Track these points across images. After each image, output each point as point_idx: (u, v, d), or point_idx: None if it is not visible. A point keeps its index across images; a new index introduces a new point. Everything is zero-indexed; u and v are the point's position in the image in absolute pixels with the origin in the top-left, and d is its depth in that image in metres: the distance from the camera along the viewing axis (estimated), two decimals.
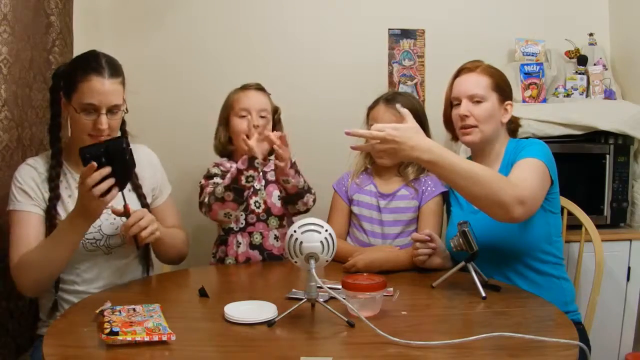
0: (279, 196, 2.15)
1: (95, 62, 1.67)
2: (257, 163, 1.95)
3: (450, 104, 1.96)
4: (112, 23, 2.66)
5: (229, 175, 1.98)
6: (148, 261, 1.91)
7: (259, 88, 2.21)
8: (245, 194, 1.97)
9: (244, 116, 2.14)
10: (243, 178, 1.94)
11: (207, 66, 2.70)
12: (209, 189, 2.04)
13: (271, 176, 2.18)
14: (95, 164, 1.52)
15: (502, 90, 1.90)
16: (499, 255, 1.81)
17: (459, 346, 1.26)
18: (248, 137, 1.97)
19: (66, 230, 1.62)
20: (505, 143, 1.93)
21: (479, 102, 1.87)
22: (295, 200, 2.09)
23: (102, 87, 1.65)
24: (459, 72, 1.95)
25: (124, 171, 1.59)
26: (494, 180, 1.60)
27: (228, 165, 2.16)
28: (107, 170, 1.53)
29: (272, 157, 2.10)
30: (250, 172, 1.94)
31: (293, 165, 2.03)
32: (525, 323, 1.42)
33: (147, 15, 2.69)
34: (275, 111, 2.23)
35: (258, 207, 2.14)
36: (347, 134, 1.59)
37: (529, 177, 1.69)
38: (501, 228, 1.73)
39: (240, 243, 2.11)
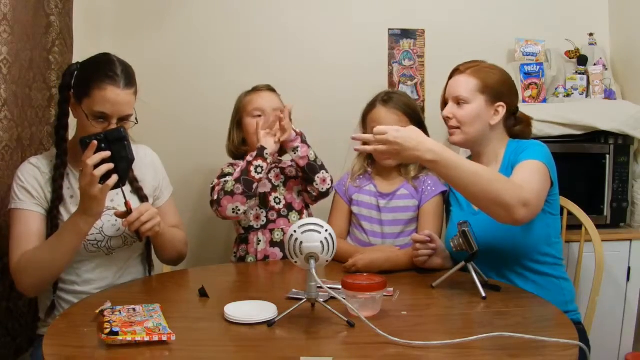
0: (299, 192, 2.17)
1: (111, 71, 1.65)
2: (267, 154, 1.99)
3: (445, 104, 1.97)
4: (112, 23, 2.66)
5: (238, 169, 2.02)
6: (149, 262, 1.92)
7: (270, 89, 2.23)
8: (254, 186, 1.98)
9: (258, 116, 2.15)
10: (252, 169, 1.97)
11: (208, 66, 2.70)
12: (219, 187, 2.05)
13: (290, 172, 2.19)
14: (96, 142, 1.53)
15: (494, 91, 1.87)
16: (499, 256, 1.80)
17: (459, 346, 1.26)
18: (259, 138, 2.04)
19: (68, 232, 1.61)
20: (503, 144, 1.92)
21: (462, 104, 1.87)
22: (311, 177, 2.08)
23: (116, 98, 1.64)
24: (452, 74, 1.96)
25: (123, 159, 1.59)
26: (498, 181, 1.60)
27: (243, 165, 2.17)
28: (107, 153, 1.55)
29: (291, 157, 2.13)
30: (259, 162, 1.98)
31: (299, 135, 2.06)
32: (525, 323, 1.42)
33: (148, 16, 2.69)
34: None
35: (278, 203, 2.14)
36: (354, 139, 1.63)
37: (531, 178, 1.68)
38: (501, 229, 1.72)
39: (260, 240, 2.12)
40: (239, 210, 1.99)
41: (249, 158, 2.01)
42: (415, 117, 2.07)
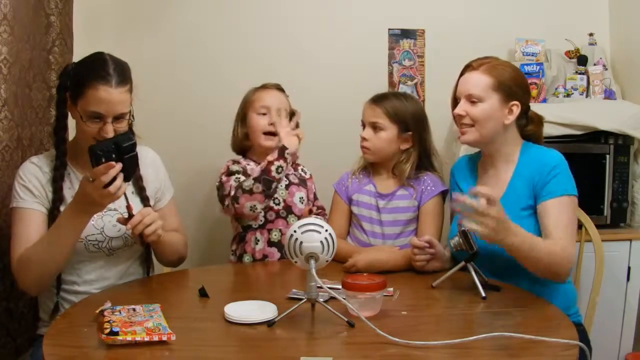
0: (301, 199, 2.18)
1: (103, 70, 1.64)
2: (288, 154, 2.00)
3: (456, 102, 1.94)
4: (112, 23, 2.66)
5: (258, 168, 2.02)
6: (149, 263, 1.91)
7: (280, 88, 2.24)
8: (273, 185, 1.99)
9: (264, 114, 2.15)
10: (273, 169, 1.98)
11: (208, 66, 2.70)
12: (232, 183, 2.05)
13: (293, 178, 2.20)
14: (113, 163, 1.52)
15: (508, 90, 1.82)
16: (505, 261, 1.77)
17: (459, 346, 1.26)
18: (273, 133, 2.10)
19: (66, 226, 1.61)
20: (517, 145, 1.88)
21: (476, 102, 1.82)
22: None
23: (109, 97, 1.63)
24: (464, 70, 1.90)
25: (131, 166, 1.59)
26: (552, 254, 1.64)
27: (244, 163, 2.18)
28: (120, 166, 1.53)
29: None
30: (281, 162, 2.00)
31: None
32: (525, 323, 1.42)
33: (148, 16, 2.69)
34: (293, 114, 2.24)
35: (277, 204, 2.14)
36: (455, 200, 1.58)
37: (569, 223, 1.72)
38: None
39: (258, 240, 2.12)
40: (256, 208, 2.00)
41: (269, 158, 2.01)
42: (401, 122, 2.03)
